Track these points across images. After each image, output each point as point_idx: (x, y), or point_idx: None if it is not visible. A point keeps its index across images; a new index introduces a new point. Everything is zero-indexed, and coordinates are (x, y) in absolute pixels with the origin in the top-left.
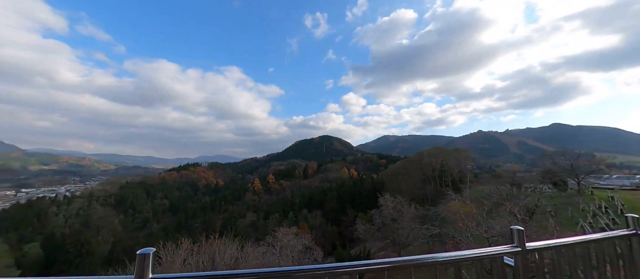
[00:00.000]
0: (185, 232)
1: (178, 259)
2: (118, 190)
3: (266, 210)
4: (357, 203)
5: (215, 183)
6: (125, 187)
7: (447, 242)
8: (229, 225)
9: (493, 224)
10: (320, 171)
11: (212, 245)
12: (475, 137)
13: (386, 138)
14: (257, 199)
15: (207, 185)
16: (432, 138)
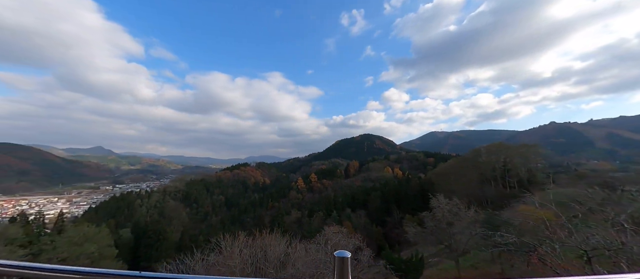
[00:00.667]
0: (239, 225)
1: (236, 250)
2: (185, 186)
3: (310, 208)
4: (403, 204)
5: (263, 182)
6: (190, 184)
7: (529, 254)
8: (276, 221)
9: (590, 234)
10: (362, 171)
11: (264, 239)
12: (546, 130)
13: (433, 134)
14: (300, 197)
15: (255, 183)
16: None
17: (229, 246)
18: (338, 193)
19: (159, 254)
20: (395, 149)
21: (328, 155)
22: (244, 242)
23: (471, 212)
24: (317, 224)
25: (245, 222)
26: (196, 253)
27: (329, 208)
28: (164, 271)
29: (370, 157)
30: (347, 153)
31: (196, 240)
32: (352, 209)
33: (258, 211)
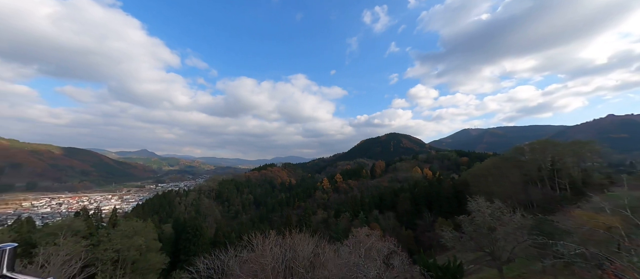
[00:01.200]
0: (267, 224)
1: (267, 248)
2: (217, 186)
3: (336, 209)
4: (435, 207)
5: (289, 182)
6: (222, 184)
7: (601, 268)
8: (303, 221)
9: None
10: (389, 171)
11: (294, 239)
12: (602, 124)
13: (466, 132)
14: (326, 197)
15: (282, 183)
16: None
17: (260, 244)
18: (365, 194)
19: (196, 249)
20: (424, 148)
21: (353, 155)
22: (275, 241)
23: (517, 217)
24: (344, 225)
25: (273, 220)
26: (230, 249)
27: (355, 209)
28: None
29: (397, 157)
30: (372, 153)
31: (229, 237)
32: (380, 210)
33: (285, 210)
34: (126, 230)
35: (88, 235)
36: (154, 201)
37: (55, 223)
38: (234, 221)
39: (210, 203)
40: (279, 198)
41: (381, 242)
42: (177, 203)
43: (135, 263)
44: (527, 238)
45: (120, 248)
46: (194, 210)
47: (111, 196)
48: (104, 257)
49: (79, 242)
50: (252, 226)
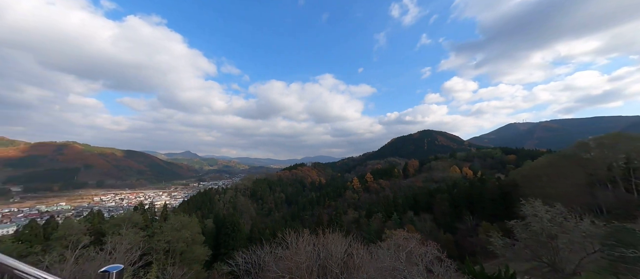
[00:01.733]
0: (299, 222)
1: (302, 246)
2: (252, 184)
3: (368, 209)
4: (477, 210)
5: (319, 181)
6: (256, 183)
7: None
8: (335, 220)
9: None
10: (423, 170)
11: (327, 238)
12: None
13: (513, 127)
14: (356, 197)
15: (312, 182)
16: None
17: (294, 241)
18: (398, 194)
19: (234, 243)
20: (463, 145)
21: (383, 154)
22: (308, 239)
23: (585, 223)
24: (377, 226)
25: (305, 219)
26: (265, 246)
27: (388, 210)
28: (240, 259)
29: (431, 155)
30: (404, 151)
31: (263, 233)
32: (415, 212)
33: (316, 209)
34: (175, 223)
35: (145, 227)
36: (196, 198)
37: (119, 216)
38: (268, 218)
39: (246, 201)
40: (310, 197)
41: (423, 246)
42: (216, 200)
43: (183, 254)
44: (600, 248)
45: (170, 240)
46: (232, 207)
47: (162, 192)
48: (158, 247)
49: (138, 233)
50: (284, 224)
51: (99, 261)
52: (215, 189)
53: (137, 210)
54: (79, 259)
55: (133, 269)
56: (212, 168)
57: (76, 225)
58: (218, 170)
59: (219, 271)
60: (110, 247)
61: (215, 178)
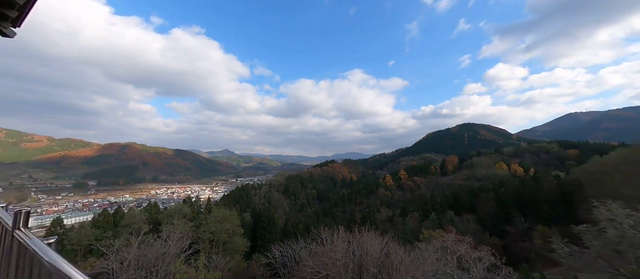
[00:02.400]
0: (330, 218)
1: (338, 243)
2: (284, 181)
3: (403, 207)
4: (531, 211)
5: (350, 178)
6: (288, 179)
7: None
8: (368, 218)
9: None
10: (464, 167)
11: (363, 236)
12: None
13: (573, 117)
14: (389, 195)
15: (343, 179)
16: None
17: (329, 238)
18: (436, 193)
19: (270, 236)
20: (510, 140)
21: (418, 150)
22: (343, 236)
23: None
24: (413, 225)
25: (336, 215)
26: (300, 240)
27: (425, 209)
28: (277, 252)
29: (473, 150)
30: (441, 146)
31: (297, 228)
32: (456, 212)
33: (347, 206)
34: (218, 216)
35: (192, 218)
36: (235, 193)
37: (171, 208)
38: (300, 213)
39: (279, 196)
40: (341, 194)
41: (475, 251)
42: (252, 195)
43: (225, 244)
44: None
45: (214, 231)
46: (267, 202)
47: (205, 187)
48: (204, 237)
49: (187, 223)
50: (316, 220)
51: (157, 247)
52: (251, 185)
53: (185, 202)
54: (141, 244)
55: (185, 255)
56: (247, 165)
57: (138, 215)
58: (253, 166)
59: (258, 262)
60: (165, 235)
61: (250, 174)
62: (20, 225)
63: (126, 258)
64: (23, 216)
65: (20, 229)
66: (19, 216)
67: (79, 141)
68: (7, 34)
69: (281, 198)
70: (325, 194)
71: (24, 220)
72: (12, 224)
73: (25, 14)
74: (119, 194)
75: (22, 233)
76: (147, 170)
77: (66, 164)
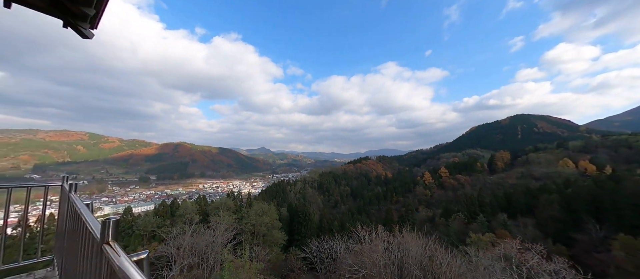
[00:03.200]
0: (365, 216)
1: (379, 243)
2: (318, 177)
3: (445, 207)
4: (608, 217)
5: (384, 175)
6: (322, 176)
7: None
8: (406, 218)
9: None
10: (517, 164)
11: (403, 236)
12: None
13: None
14: (428, 193)
15: (377, 177)
16: None
17: (367, 236)
18: (484, 193)
19: (306, 231)
20: (577, 132)
21: (460, 145)
22: (383, 236)
23: None
24: (457, 227)
25: (371, 213)
26: (336, 237)
27: (471, 210)
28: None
29: (528, 145)
30: (488, 141)
31: (332, 225)
32: (509, 214)
33: (382, 204)
34: (258, 209)
35: (235, 211)
36: (272, 189)
37: (217, 201)
38: (334, 210)
39: (314, 193)
40: (376, 192)
41: (549, 262)
42: (288, 191)
43: (265, 236)
44: None
45: (255, 223)
46: (301, 197)
47: (245, 182)
48: (246, 229)
49: (231, 216)
50: (351, 217)
51: (207, 236)
52: (286, 181)
53: (229, 196)
54: (194, 233)
55: (232, 245)
56: (282, 162)
57: (190, 206)
58: (288, 163)
59: (295, 255)
60: (214, 226)
61: (285, 171)
62: (109, 237)
63: (182, 244)
64: (112, 227)
65: (109, 243)
66: (107, 227)
67: (142, 141)
68: (86, 34)
69: (315, 195)
70: (359, 191)
71: (113, 232)
72: (100, 235)
73: (100, 13)
74: (173, 187)
75: (109, 248)
76: (195, 166)
77: (133, 161)
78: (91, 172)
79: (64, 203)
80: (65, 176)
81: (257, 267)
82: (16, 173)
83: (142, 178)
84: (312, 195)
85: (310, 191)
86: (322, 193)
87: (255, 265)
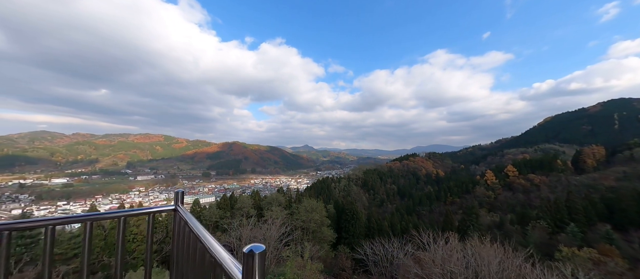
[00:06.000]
0: (415, 217)
1: (446, 250)
2: (363, 174)
3: (521, 213)
4: None
5: (435, 173)
6: (366, 173)
7: None
8: (468, 222)
9: None
10: (616, 162)
11: (484, 245)
12: None
13: None
14: (492, 195)
15: (427, 175)
16: None
17: (432, 242)
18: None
19: (354, 230)
20: None
21: (532, 139)
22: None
23: None
24: (539, 237)
25: (422, 214)
26: (393, 239)
27: (556, 217)
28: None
29: (631, 137)
30: (571, 133)
31: (381, 225)
32: (615, 226)
33: (434, 204)
34: (307, 206)
35: (286, 206)
36: (317, 185)
37: (269, 196)
38: (381, 209)
39: (358, 190)
40: (426, 191)
41: None
42: (333, 188)
43: (314, 233)
44: None
45: (305, 220)
46: (346, 195)
47: (291, 179)
48: (297, 225)
49: (283, 211)
50: (401, 218)
51: (263, 230)
52: (330, 178)
53: (279, 192)
54: (252, 228)
55: (286, 241)
56: (325, 160)
57: (247, 200)
58: (330, 160)
59: (344, 254)
60: (270, 221)
61: (328, 168)
62: (180, 201)
63: (242, 236)
64: (180, 196)
65: (179, 205)
66: (179, 195)
67: (204, 141)
68: None
69: (360, 192)
70: (406, 190)
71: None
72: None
73: None
74: (230, 182)
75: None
76: (247, 163)
77: (197, 159)
78: (167, 168)
79: (180, 231)
80: (179, 192)
81: (317, 267)
82: (115, 168)
83: (204, 174)
84: (357, 193)
85: (355, 188)
86: (367, 190)
87: (316, 265)
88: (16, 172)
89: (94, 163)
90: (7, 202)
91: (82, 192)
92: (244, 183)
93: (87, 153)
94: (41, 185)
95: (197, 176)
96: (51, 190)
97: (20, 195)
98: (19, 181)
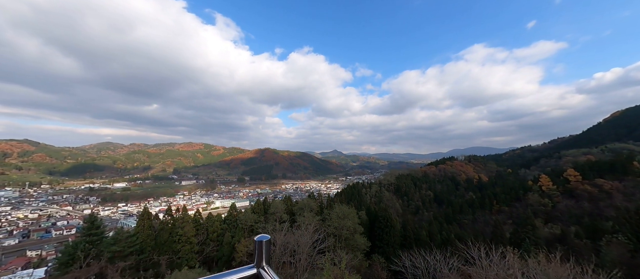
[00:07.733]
0: (456, 225)
1: (516, 272)
2: (395, 180)
3: (589, 224)
4: None
5: (477, 178)
6: (399, 178)
7: None
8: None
9: None
10: None
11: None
12: None
13: None
14: (548, 203)
15: (467, 180)
16: None
17: (482, 256)
18: None
19: (388, 239)
20: None
21: (596, 138)
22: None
23: None
24: (618, 254)
25: (464, 223)
26: (435, 251)
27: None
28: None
29: None
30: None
31: (419, 235)
32: None
33: (477, 213)
34: (339, 212)
35: (318, 212)
36: (347, 191)
37: (301, 202)
38: (416, 217)
39: (391, 196)
40: (468, 198)
41: None
42: (364, 194)
43: (347, 241)
44: None
45: (337, 226)
46: (378, 201)
47: (320, 184)
48: (329, 231)
49: (314, 217)
50: (440, 227)
51: (296, 236)
52: (361, 183)
53: (310, 197)
54: (286, 234)
55: (320, 248)
56: (355, 164)
57: (280, 205)
58: (360, 165)
59: (380, 264)
60: (304, 227)
61: (358, 173)
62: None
63: (276, 241)
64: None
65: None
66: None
67: (238, 149)
68: None
69: (393, 199)
70: (444, 196)
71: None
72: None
73: None
74: (262, 187)
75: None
76: (278, 169)
77: (233, 165)
78: (206, 174)
79: None
80: None
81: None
82: (164, 174)
83: (239, 179)
84: (390, 199)
85: (387, 194)
86: (400, 197)
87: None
88: (87, 177)
89: (147, 169)
90: (80, 203)
91: (137, 195)
92: (276, 188)
93: (142, 160)
94: (106, 189)
95: (232, 181)
96: (113, 193)
97: (90, 196)
98: (89, 185)
